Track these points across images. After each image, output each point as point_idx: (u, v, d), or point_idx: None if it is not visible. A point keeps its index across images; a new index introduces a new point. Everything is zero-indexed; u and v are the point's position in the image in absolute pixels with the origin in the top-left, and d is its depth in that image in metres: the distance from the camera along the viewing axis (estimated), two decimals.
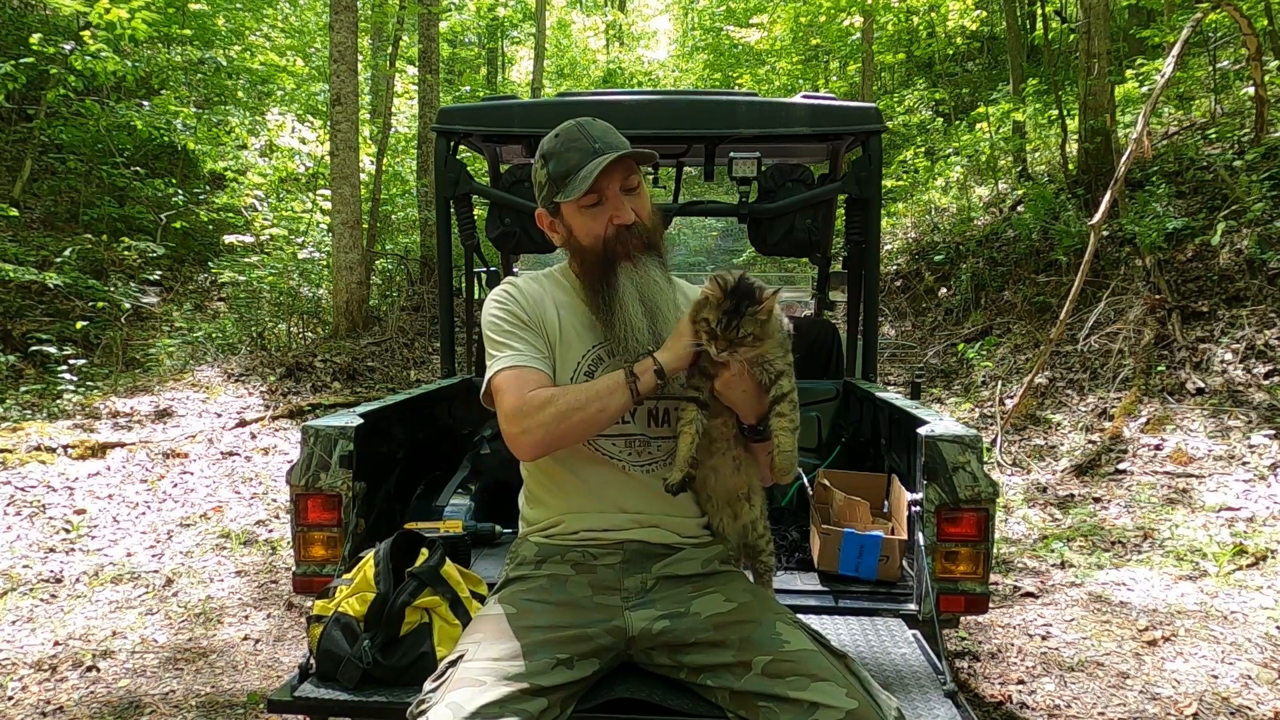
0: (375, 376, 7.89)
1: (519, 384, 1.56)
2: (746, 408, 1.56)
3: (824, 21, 12.44)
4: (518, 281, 1.73)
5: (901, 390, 5.66)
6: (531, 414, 1.52)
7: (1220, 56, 8.41)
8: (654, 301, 1.61)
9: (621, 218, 1.60)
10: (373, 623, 1.69)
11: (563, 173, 1.59)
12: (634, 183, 1.63)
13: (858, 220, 3.28)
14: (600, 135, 1.61)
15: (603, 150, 1.58)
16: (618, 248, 1.61)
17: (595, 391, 1.53)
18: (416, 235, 11.63)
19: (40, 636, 3.34)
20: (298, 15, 13.86)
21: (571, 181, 1.58)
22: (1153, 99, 5.54)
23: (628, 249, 1.61)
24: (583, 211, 1.61)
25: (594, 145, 1.58)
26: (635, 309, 1.59)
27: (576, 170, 1.57)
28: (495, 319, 1.66)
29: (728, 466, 1.65)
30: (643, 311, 1.60)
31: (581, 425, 1.53)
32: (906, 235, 10.81)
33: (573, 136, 1.61)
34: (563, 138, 1.62)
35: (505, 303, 1.67)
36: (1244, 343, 5.47)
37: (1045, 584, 3.82)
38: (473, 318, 3.74)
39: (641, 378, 1.51)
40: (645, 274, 1.62)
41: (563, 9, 23.27)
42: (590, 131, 1.61)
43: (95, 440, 5.46)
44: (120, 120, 8.66)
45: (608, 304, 1.61)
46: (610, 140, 1.61)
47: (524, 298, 1.68)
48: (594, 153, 1.57)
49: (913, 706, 1.60)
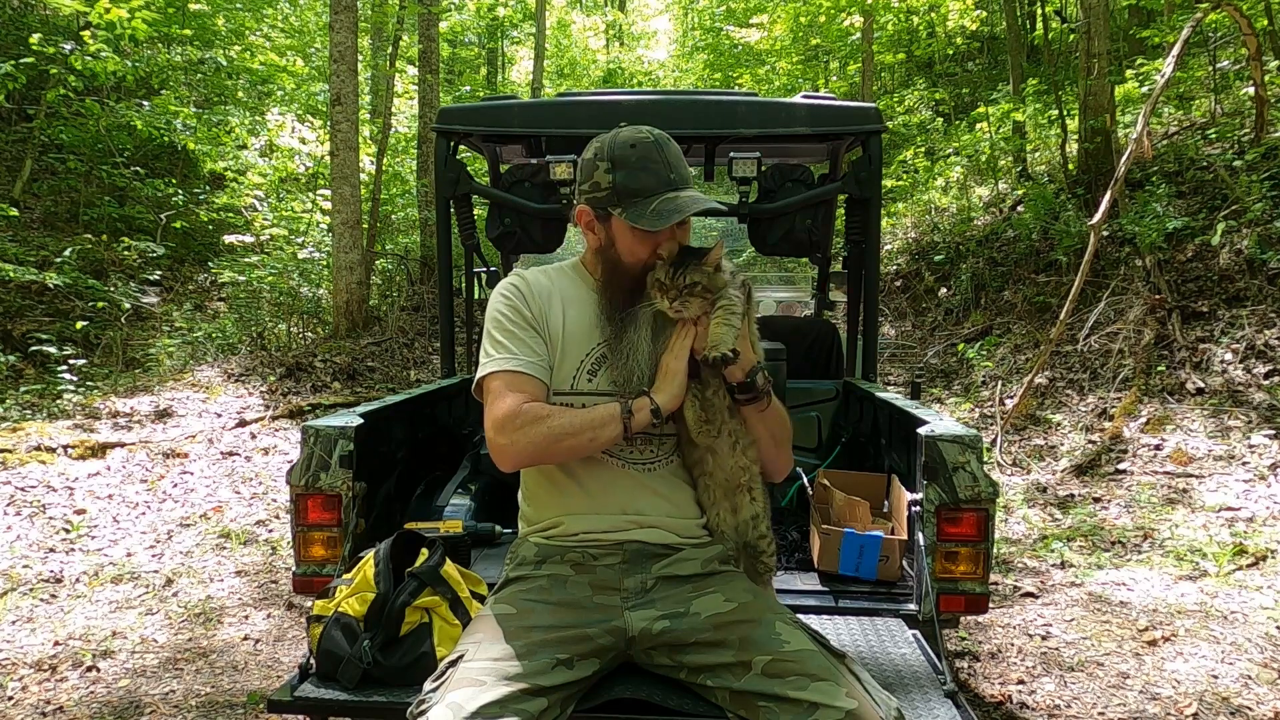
0: (375, 376, 7.89)
1: (511, 392, 1.57)
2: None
3: (824, 21, 12.43)
4: (527, 276, 1.72)
5: (901, 390, 5.66)
6: (522, 428, 1.53)
7: (1220, 56, 8.41)
8: (663, 327, 1.63)
9: (668, 250, 1.61)
10: (373, 623, 1.69)
11: (631, 190, 1.56)
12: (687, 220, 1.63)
13: (858, 220, 3.28)
14: (675, 164, 1.59)
15: (678, 184, 1.57)
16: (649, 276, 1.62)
17: (589, 420, 1.55)
18: (416, 235, 11.63)
19: (40, 636, 3.34)
20: (298, 15, 13.86)
21: (640, 205, 1.55)
22: (1153, 99, 5.54)
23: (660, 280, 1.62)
24: (636, 234, 1.59)
25: (670, 175, 1.57)
26: (645, 332, 1.62)
27: (648, 196, 1.56)
28: (499, 315, 1.66)
29: (725, 446, 1.65)
30: (650, 335, 1.62)
31: (570, 451, 1.56)
32: (906, 235, 10.81)
33: (650, 157, 1.58)
34: (640, 152, 1.57)
35: (510, 298, 1.67)
36: (1244, 343, 5.47)
37: (1045, 584, 3.82)
38: (473, 318, 3.74)
39: (636, 415, 1.55)
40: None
41: (563, 9, 23.26)
42: (668, 156, 1.59)
43: (95, 440, 5.46)
44: (120, 120, 8.66)
45: (621, 321, 1.64)
46: (683, 172, 1.60)
47: (531, 295, 1.68)
48: (669, 183, 1.56)
49: (913, 706, 1.60)
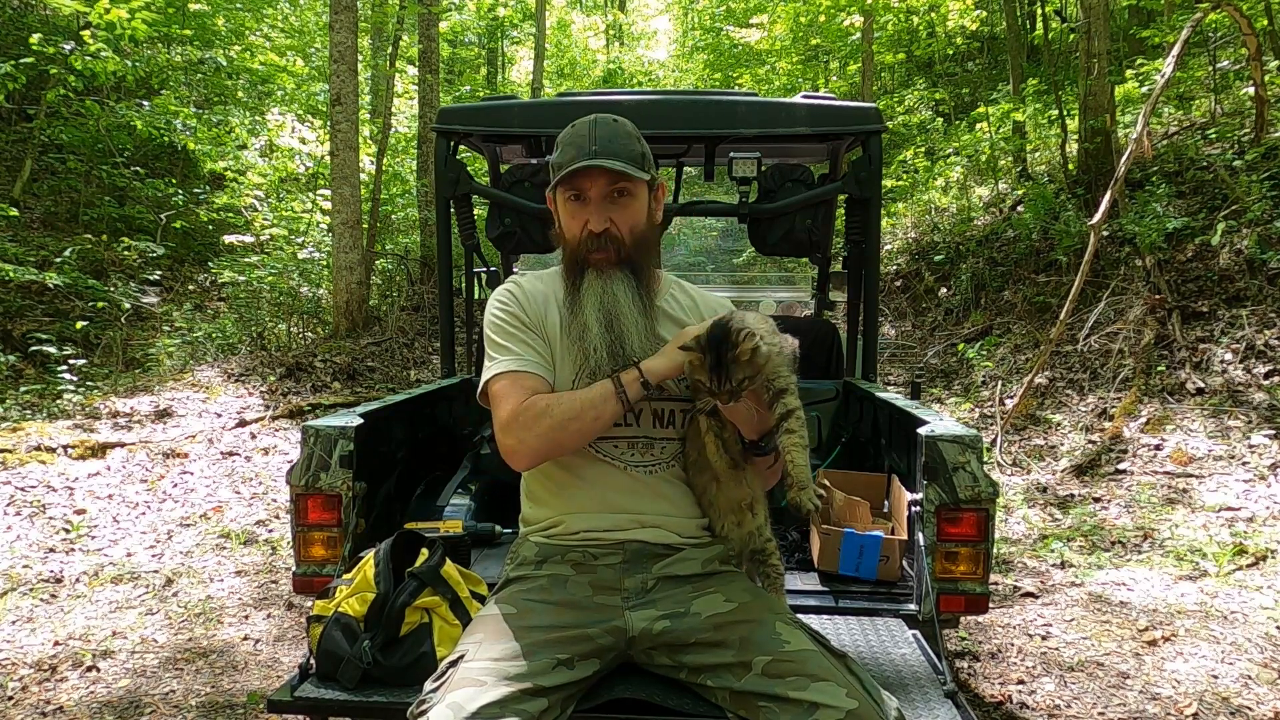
0: (375, 376, 7.89)
1: (514, 392, 1.57)
2: (748, 425, 1.57)
3: (824, 21, 12.43)
4: (521, 281, 1.73)
5: (901, 390, 5.66)
6: (528, 425, 1.53)
7: (1220, 56, 8.40)
8: (613, 313, 1.61)
9: (592, 224, 1.61)
10: (373, 623, 1.69)
11: (560, 164, 1.62)
12: (623, 191, 1.61)
13: (858, 220, 3.28)
14: (604, 138, 1.60)
15: (601, 154, 1.58)
16: (585, 253, 1.63)
17: (589, 400, 1.54)
18: (416, 235, 11.63)
19: (40, 636, 3.34)
20: (298, 15, 13.86)
21: (559, 174, 1.61)
22: (1153, 99, 5.54)
23: (598, 258, 1.62)
24: (566, 206, 1.64)
25: (592, 147, 1.59)
26: (592, 315, 1.60)
27: (568, 165, 1.59)
28: (495, 320, 1.67)
29: (731, 477, 1.65)
30: (599, 319, 1.60)
31: (579, 435, 1.55)
32: (906, 235, 10.80)
33: (581, 132, 1.62)
34: (575, 130, 1.64)
35: (507, 304, 1.68)
36: (1244, 343, 5.47)
37: (1045, 584, 3.82)
38: (473, 318, 3.74)
39: (629, 388, 1.54)
40: (607, 285, 1.62)
41: (563, 9, 23.25)
42: (596, 131, 1.61)
43: (95, 440, 5.46)
44: (120, 120, 8.65)
45: (571, 303, 1.65)
46: (612, 147, 1.60)
47: (526, 298, 1.68)
48: (588, 154, 1.58)
49: (913, 706, 1.60)
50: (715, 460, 1.61)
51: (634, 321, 1.61)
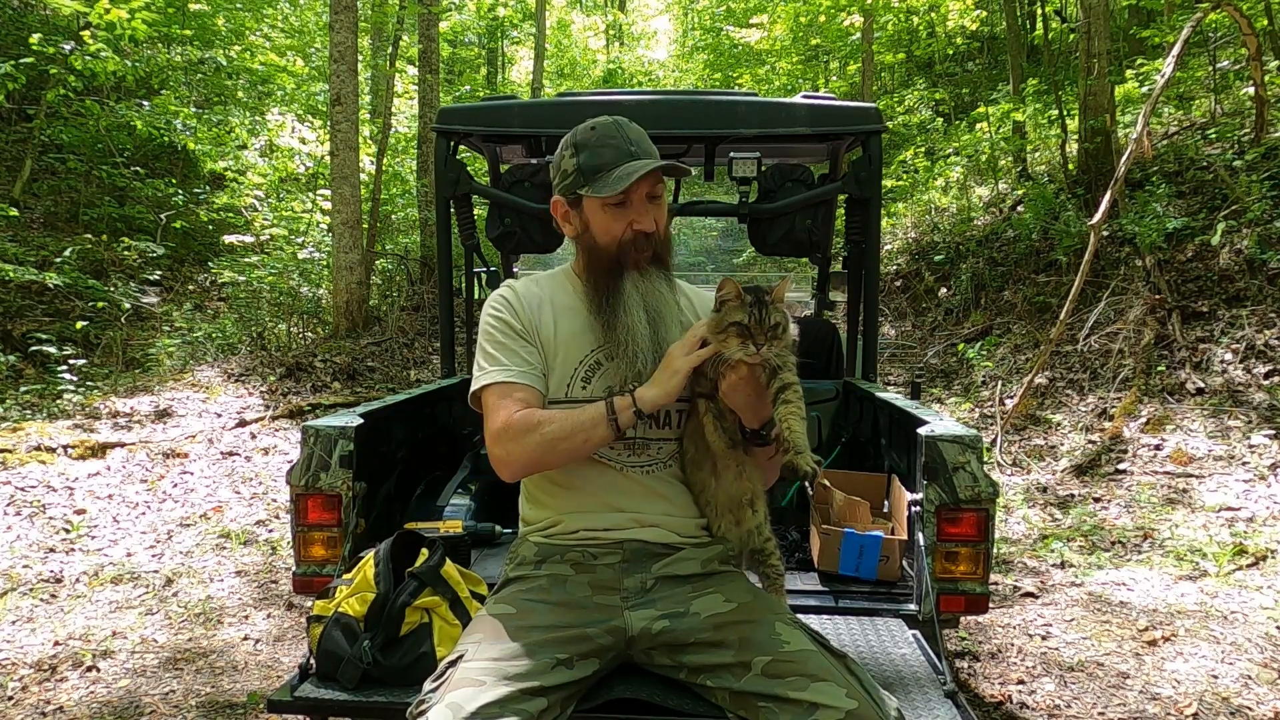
0: (375, 376, 7.89)
1: (505, 403, 1.58)
2: (750, 411, 1.56)
3: (824, 21, 12.44)
4: (516, 286, 1.73)
5: (901, 390, 5.66)
6: (517, 438, 1.54)
7: (1220, 56, 8.41)
8: (658, 310, 1.63)
9: (643, 224, 1.61)
10: (373, 623, 1.69)
11: (594, 167, 1.59)
12: (658, 192, 1.64)
13: (858, 220, 3.28)
14: (637, 139, 1.62)
15: (639, 154, 1.59)
16: (631, 253, 1.62)
17: (580, 422, 1.54)
18: (416, 235, 11.63)
19: (40, 636, 3.34)
20: (298, 15, 13.86)
21: (603, 178, 1.58)
22: (1153, 99, 5.54)
23: (639, 257, 1.63)
24: (606, 210, 1.61)
25: (630, 148, 1.59)
26: (639, 315, 1.60)
27: (609, 168, 1.58)
28: (489, 328, 1.67)
29: (730, 472, 1.65)
30: (646, 319, 1.61)
31: (567, 454, 1.56)
32: (906, 235, 10.80)
33: (610, 134, 1.61)
34: (600, 132, 1.62)
35: (500, 311, 1.68)
36: (1244, 343, 5.47)
37: (1045, 584, 3.82)
38: (472, 318, 3.74)
39: (620, 414, 1.53)
40: (651, 284, 1.64)
41: (563, 9, 23.25)
42: (627, 133, 1.62)
43: (95, 440, 5.46)
44: (120, 120, 8.66)
45: (610, 306, 1.62)
46: (645, 147, 1.62)
47: (520, 304, 1.68)
48: (629, 155, 1.58)
49: (913, 706, 1.60)
50: (713, 440, 1.60)
51: (673, 314, 1.65)
